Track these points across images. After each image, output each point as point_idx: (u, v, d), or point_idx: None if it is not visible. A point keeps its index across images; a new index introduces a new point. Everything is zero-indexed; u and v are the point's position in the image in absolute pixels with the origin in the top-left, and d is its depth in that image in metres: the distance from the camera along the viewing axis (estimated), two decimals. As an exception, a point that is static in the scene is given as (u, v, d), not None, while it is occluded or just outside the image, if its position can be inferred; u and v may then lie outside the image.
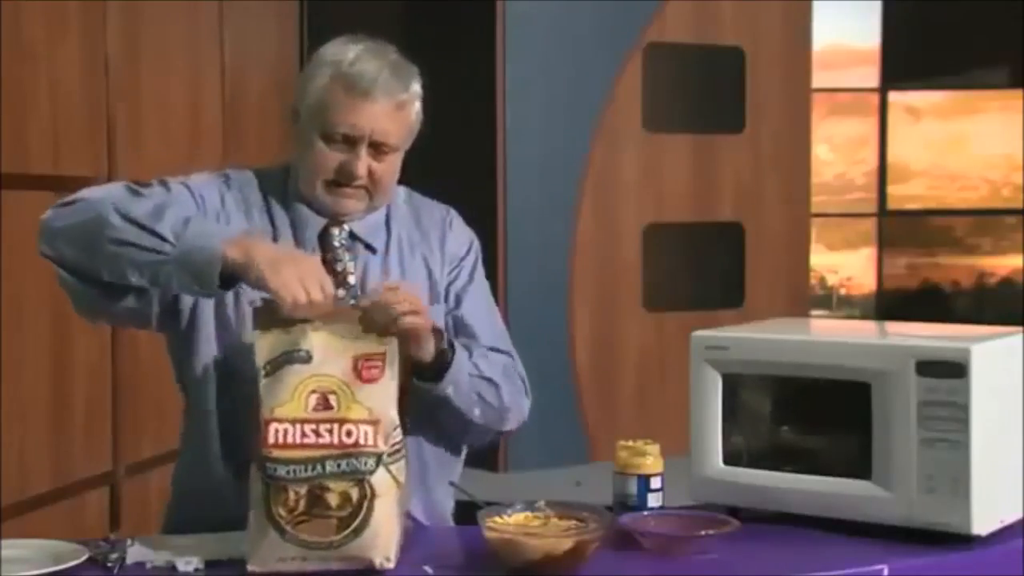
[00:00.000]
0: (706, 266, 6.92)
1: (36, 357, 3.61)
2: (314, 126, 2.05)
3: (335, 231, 2.09)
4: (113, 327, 3.95)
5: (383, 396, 1.77)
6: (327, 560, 1.71)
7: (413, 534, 1.90)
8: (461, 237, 2.21)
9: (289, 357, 1.76)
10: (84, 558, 1.75)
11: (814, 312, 7.72)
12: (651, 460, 2.05)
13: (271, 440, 1.71)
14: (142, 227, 1.85)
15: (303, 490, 1.70)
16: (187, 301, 2.02)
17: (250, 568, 1.72)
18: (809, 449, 2.00)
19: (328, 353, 1.78)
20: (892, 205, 8.15)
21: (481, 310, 2.18)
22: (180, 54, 4.48)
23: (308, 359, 1.76)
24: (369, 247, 2.11)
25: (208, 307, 2.02)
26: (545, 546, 1.72)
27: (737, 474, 2.02)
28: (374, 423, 1.74)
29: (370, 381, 1.77)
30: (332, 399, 1.74)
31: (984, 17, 7.55)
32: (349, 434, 1.72)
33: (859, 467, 1.91)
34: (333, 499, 1.71)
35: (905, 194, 8.21)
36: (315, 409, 1.73)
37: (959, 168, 8.25)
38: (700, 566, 1.80)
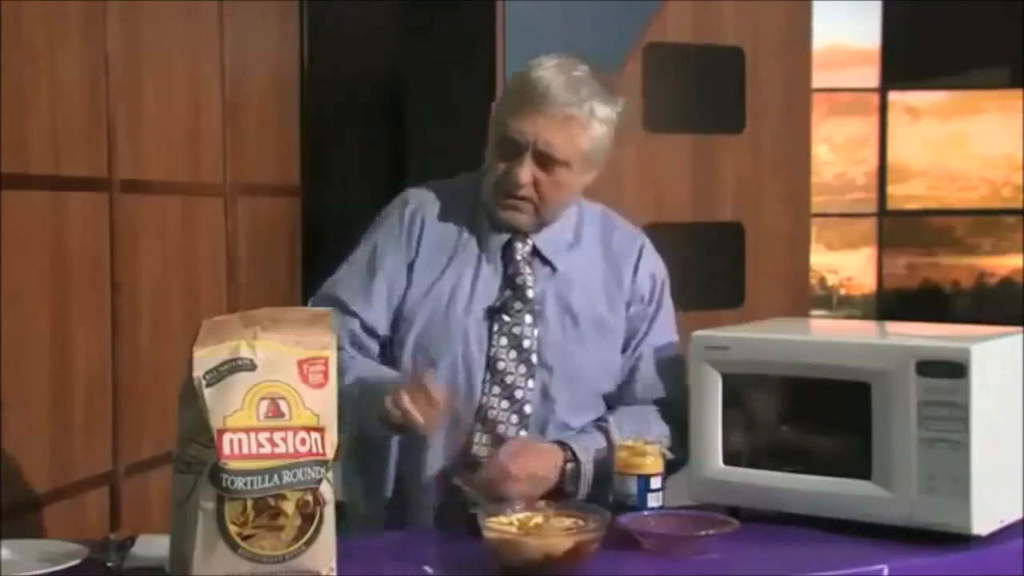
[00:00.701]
0: (706, 266, 6.92)
1: (36, 357, 3.61)
2: (494, 134, 2.11)
3: (518, 245, 2.11)
4: (113, 327, 3.95)
5: (328, 403, 1.72)
6: (275, 574, 1.65)
7: (414, 534, 1.90)
8: (647, 272, 2.21)
9: (233, 366, 1.69)
10: (84, 558, 1.75)
11: (814, 312, 7.71)
12: (651, 460, 2.05)
13: (226, 451, 1.64)
14: None
15: (259, 502, 1.64)
16: None
17: None
18: (809, 449, 2.00)
19: (272, 360, 1.71)
20: (892, 205, 8.14)
21: (653, 359, 2.19)
22: (180, 54, 4.48)
23: (252, 367, 1.70)
24: (551, 265, 2.12)
25: None
26: (545, 546, 1.72)
27: (737, 474, 2.02)
28: (321, 430, 1.69)
29: (317, 387, 1.71)
30: (283, 405, 1.69)
31: (984, 17, 7.55)
32: (303, 442, 1.68)
33: (859, 467, 1.91)
34: (289, 509, 1.65)
35: (905, 194, 8.21)
36: (267, 417, 1.68)
37: (959, 168, 8.25)
38: (700, 566, 1.80)
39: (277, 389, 1.69)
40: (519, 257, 2.11)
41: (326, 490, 1.68)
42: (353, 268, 2.19)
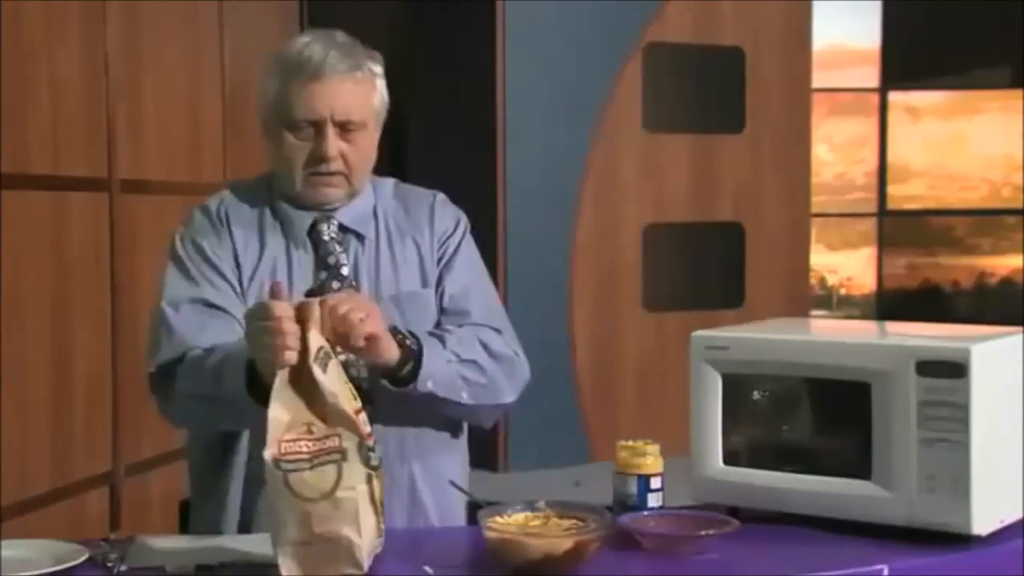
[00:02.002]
0: (706, 266, 6.92)
1: (36, 357, 3.61)
2: (279, 122, 2.08)
3: (324, 226, 2.11)
4: (113, 327, 3.95)
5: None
6: (375, 547, 1.70)
7: (414, 534, 1.90)
8: (447, 216, 2.21)
9: (325, 352, 1.75)
10: (84, 558, 1.75)
11: (814, 312, 7.72)
12: (651, 460, 2.05)
13: (366, 429, 1.70)
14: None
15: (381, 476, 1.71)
16: None
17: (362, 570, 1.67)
18: (809, 449, 1.99)
19: (327, 348, 1.77)
20: (892, 205, 8.15)
21: (469, 285, 2.17)
22: (180, 54, 4.49)
23: (330, 355, 1.75)
24: (359, 236, 2.12)
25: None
26: (545, 546, 1.72)
27: (737, 474, 2.02)
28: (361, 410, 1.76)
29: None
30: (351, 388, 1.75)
31: (984, 17, 7.56)
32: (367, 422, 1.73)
33: (859, 467, 1.91)
34: (381, 483, 1.72)
35: (905, 194, 8.21)
36: (355, 399, 1.74)
37: (959, 168, 8.25)
38: (700, 566, 1.80)
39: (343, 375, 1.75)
40: (327, 238, 2.12)
41: None
42: (195, 271, 2.10)
